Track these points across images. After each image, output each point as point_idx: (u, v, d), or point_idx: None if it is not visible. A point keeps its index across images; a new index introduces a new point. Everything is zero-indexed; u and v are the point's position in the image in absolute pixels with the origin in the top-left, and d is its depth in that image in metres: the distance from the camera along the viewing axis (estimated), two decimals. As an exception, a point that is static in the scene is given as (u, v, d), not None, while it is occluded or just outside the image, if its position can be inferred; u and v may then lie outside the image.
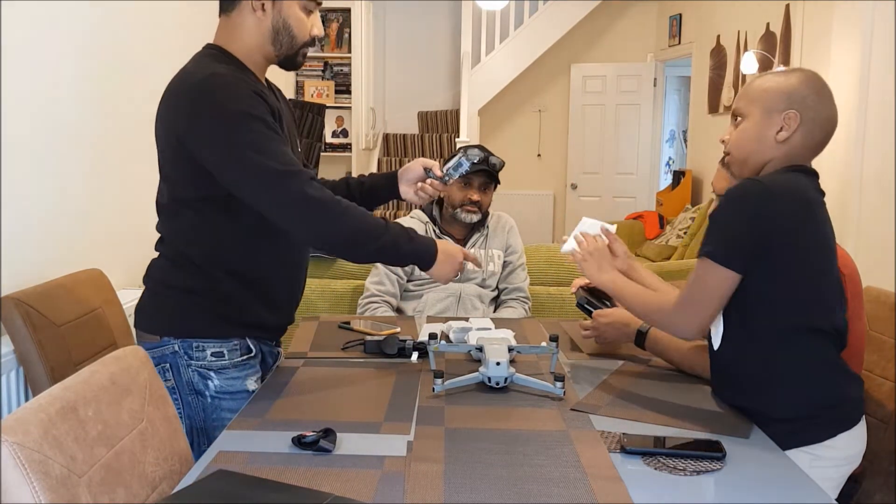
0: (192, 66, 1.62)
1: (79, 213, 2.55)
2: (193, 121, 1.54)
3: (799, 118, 1.49)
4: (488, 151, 2.61)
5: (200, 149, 1.55)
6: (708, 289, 1.46)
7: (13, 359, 2.06)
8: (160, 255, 1.72)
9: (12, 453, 1.03)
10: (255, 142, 1.52)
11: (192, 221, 1.64)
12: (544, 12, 7.02)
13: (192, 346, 1.66)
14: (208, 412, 1.67)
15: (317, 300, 2.93)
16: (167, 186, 1.67)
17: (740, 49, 5.52)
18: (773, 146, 1.52)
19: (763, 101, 1.53)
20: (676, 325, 1.53)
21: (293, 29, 1.67)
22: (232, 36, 1.66)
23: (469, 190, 2.61)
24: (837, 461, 1.50)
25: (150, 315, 1.70)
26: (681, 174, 6.53)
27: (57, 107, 2.42)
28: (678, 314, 1.51)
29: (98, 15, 2.64)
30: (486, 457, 1.30)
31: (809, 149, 1.53)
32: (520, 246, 2.76)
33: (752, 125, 1.54)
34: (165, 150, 1.63)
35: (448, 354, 1.91)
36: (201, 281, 1.66)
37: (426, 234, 2.68)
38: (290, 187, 1.53)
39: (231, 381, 1.69)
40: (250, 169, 1.52)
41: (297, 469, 1.25)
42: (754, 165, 1.55)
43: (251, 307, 1.71)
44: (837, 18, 4.09)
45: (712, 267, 1.45)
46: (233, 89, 1.54)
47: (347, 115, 6.41)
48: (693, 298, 1.49)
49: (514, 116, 7.85)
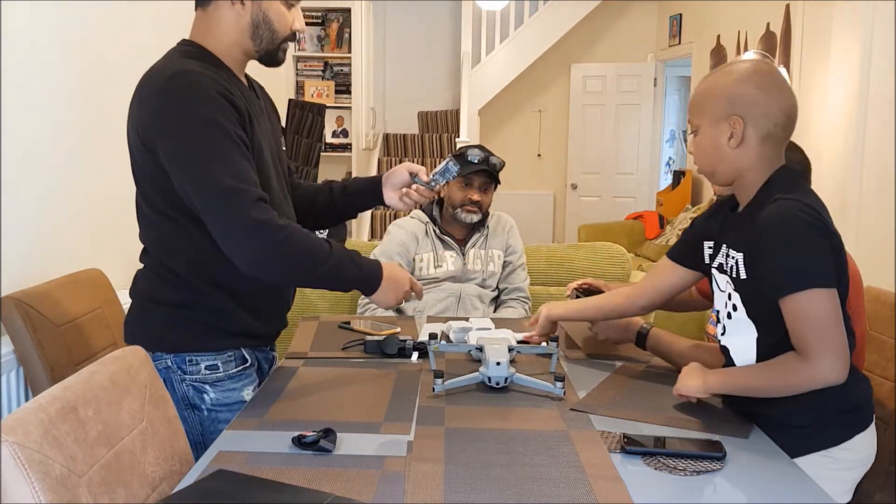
0: (162, 64, 1.55)
1: (79, 213, 2.55)
2: (156, 120, 1.48)
3: (743, 122, 1.44)
4: (488, 151, 2.61)
5: (159, 150, 1.49)
6: (832, 319, 1.35)
7: (13, 359, 2.06)
8: (145, 268, 1.66)
9: (12, 453, 1.03)
10: (210, 151, 1.45)
11: (171, 233, 1.58)
12: (544, 12, 7.03)
13: (186, 361, 1.61)
14: (206, 425, 1.63)
15: (317, 300, 2.93)
16: (140, 193, 1.60)
17: (740, 49, 5.52)
18: (734, 153, 1.47)
19: (707, 110, 1.48)
20: (823, 376, 1.36)
21: (273, 23, 1.61)
22: (208, 31, 1.60)
23: (469, 190, 2.61)
24: (852, 463, 1.49)
25: (139, 330, 1.64)
26: (681, 174, 6.53)
27: (56, 106, 2.42)
28: (820, 364, 1.35)
29: (97, 14, 2.64)
30: (486, 457, 1.30)
31: (773, 143, 1.47)
32: (520, 246, 2.77)
33: (704, 137, 1.50)
34: (133, 150, 1.57)
35: (448, 354, 1.91)
36: (189, 294, 1.60)
37: (426, 234, 2.68)
38: (235, 205, 1.44)
39: (228, 393, 1.64)
40: (199, 180, 1.45)
41: (297, 469, 1.25)
42: (726, 175, 1.51)
43: (241, 318, 1.65)
44: (837, 18, 4.09)
45: (824, 295, 1.35)
46: (198, 90, 1.47)
47: (347, 115, 6.41)
48: (825, 340, 1.35)
49: (514, 116, 7.86)
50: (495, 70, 7.05)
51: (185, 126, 1.46)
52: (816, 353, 1.36)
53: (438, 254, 2.65)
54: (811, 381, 1.38)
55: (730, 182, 1.52)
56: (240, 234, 1.46)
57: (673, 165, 8.23)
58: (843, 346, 1.36)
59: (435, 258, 2.65)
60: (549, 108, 7.84)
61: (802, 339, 1.37)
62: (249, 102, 1.63)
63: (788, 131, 1.48)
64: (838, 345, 1.35)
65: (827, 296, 1.35)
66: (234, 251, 1.48)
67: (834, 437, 1.48)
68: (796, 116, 1.48)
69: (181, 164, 1.47)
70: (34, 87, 2.30)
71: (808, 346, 1.36)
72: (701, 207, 5.65)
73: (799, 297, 1.36)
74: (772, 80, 1.45)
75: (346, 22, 6.35)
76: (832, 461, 1.47)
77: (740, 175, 1.50)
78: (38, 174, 2.32)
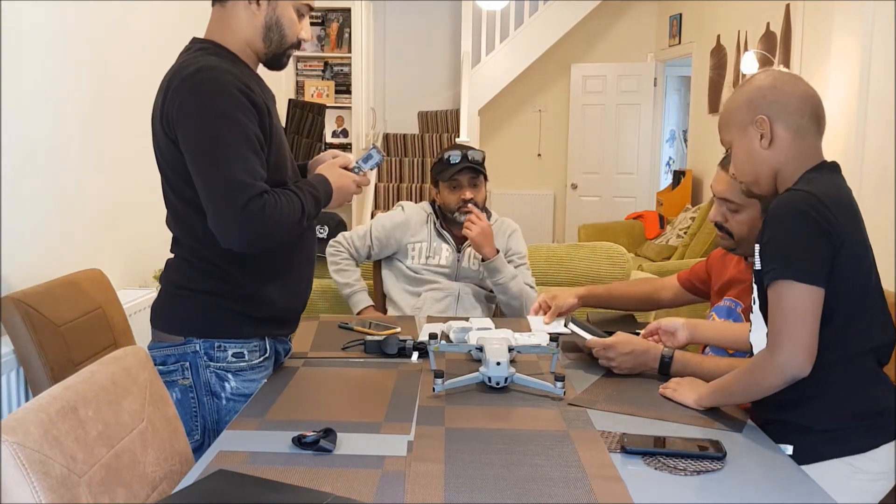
0: (187, 59, 1.62)
1: (79, 214, 2.55)
2: (180, 110, 1.55)
3: (768, 118, 1.46)
4: (466, 147, 2.60)
5: (179, 138, 1.56)
6: (801, 313, 1.34)
7: (13, 359, 2.06)
8: (176, 256, 1.72)
9: (12, 453, 1.03)
10: (223, 143, 1.52)
11: (202, 224, 1.61)
12: (544, 12, 7.02)
13: (214, 347, 1.66)
14: (222, 414, 1.67)
15: (317, 300, 2.93)
16: (168, 185, 1.67)
17: (740, 49, 5.52)
18: (768, 154, 1.48)
19: (734, 123, 1.51)
20: (782, 368, 1.36)
21: (284, 28, 1.68)
22: (225, 27, 1.67)
23: (460, 191, 2.60)
24: (877, 475, 1.46)
25: (171, 315, 1.70)
26: (681, 174, 6.53)
27: (58, 107, 2.42)
28: (779, 355, 1.36)
29: (100, 15, 2.64)
30: (486, 457, 1.30)
31: (806, 136, 1.47)
32: (522, 249, 2.74)
33: (738, 149, 1.52)
34: (159, 142, 1.63)
35: (448, 354, 1.91)
36: (222, 282, 1.66)
37: (426, 223, 2.67)
38: (236, 197, 1.50)
39: (247, 384, 1.69)
40: (209, 167, 1.52)
41: (297, 469, 1.25)
42: (767, 179, 1.50)
43: (273, 302, 1.71)
44: (837, 18, 4.09)
45: (798, 288, 1.34)
46: (219, 85, 1.54)
47: (347, 115, 6.41)
48: (788, 330, 1.35)
49: (514, 116, 7.85)
50: (495, 70, 7.05)
51: (203, 116, 1.53)
52: (778, 343, 1.36)
53: (433, 245, 2.65)
54: (773, 373, 1.37)
55: (773, 187, 1.50)
56: (235, 224, 1.52)
57: (673, 165, 8.23)
58: (809, 340, 1.34)
59: (429, 248, 2.64)
60: (549, 108, 7.84)
61: (772, 331, 1.38)
62: (267, 96, 1.70)
63: (818, 121, 1.47)
64: (802, 338, 1.34)
65: (805, 291, 1.34)
66: (225, 236, 1.54)
67: (856, 444, 1.45)
68: (821, 104, 1.48)
69: (195, 150, 1.54)
70: (35, 88, 2.30)
71: (773, 336, 1.37)
72: (701, 207, 5.64)
73: (778, 285, 1.36)
74: (785, 76, 1.47)
75: (346, 22, 6.35)
76: (855, 470, 1.44)
77: (779, 174, 1.48)
78: (39, 174, 2.32)
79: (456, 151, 2.58)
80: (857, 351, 1.45)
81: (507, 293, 2.54)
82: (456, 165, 2.56)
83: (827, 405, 1.44)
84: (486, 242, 2.52)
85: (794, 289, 1.35)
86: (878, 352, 1.48)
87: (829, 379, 1.43)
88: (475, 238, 2.51)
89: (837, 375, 1.44)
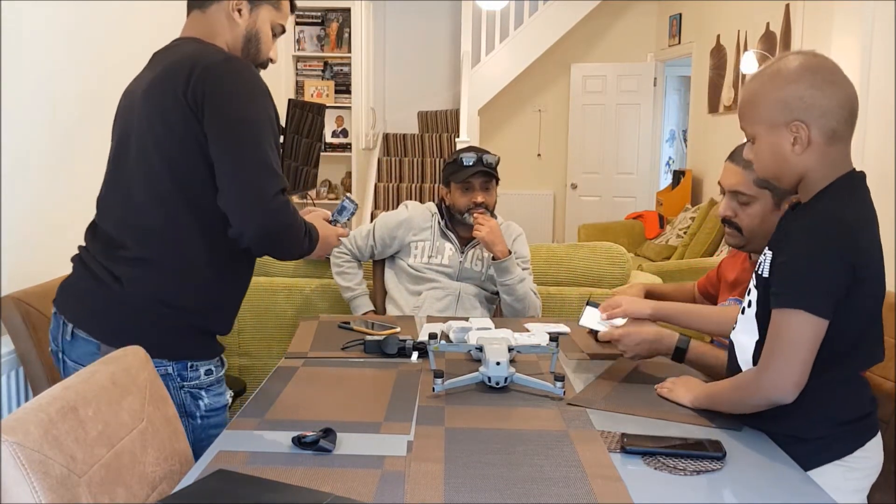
0: (197, 49, 1.57)
1: (79, 213, 2.55)
2: (215, 94, 1.49)
3: (807, 126, 1.36)
4: (481, 151, 2.60)
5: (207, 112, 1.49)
6: (800, 343, 1.33)
7: (13, 359, 2.06)
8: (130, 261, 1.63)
9: (12, 453, 1.03)
10: (264, 132, 1.52)
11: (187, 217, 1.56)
12: (544, 12, 7.02)
13: (187, 367, 1.60)
14: (197, 433, 1.62)
15: (317, 300, 2.93)
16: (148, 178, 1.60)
17: (740, 49, 5.52)
18: (799, 158, 1.39)
19: (762, 117, 1.40)
20: (768, 391, 1.36)
21: (261, 43, 1.68)
22: (209, 32, 1.63)
23: (472, 193, 2.60)
24: (868, 471, 1.47)
25: (138, 336, 1.57)
26: (681, 174, 6.53)
27: (57, 106, 2.42)
28: (767, 379, 1.35)
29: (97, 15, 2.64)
30: (486, 457, 1.30)
31: (838, 142, 1.39)
32: (527, 253, 2.73)
33: (763, 145, 1.42)
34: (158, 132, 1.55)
35: (448, 354, 1.91)
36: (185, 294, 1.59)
37: (431, 223, 2.68)
38: (268, 183, 1.49)
39: (217, 398, 1.66)
40: (248, 148, 1.49)
41: (297, 469, 1.25)
42: (791, 179, 1.44)
43: (222, 319, 1.68)
44: (837, 18, 4.09)
45: (806, 320, 1.32)
46: (254, 75, 1.56)
47: (347, 114, 6.41)
48: (784, 357, 1.34)
49: (514, 116, 7.86)
50: (495, 70, 7.05)
51: (249, 101, 1.51)
52: (771, 365, 1.35)
53: (437, 244, 2.65)
54: (758, 395, 1.38)
55: (795, 185, 1.46)
56: (259, 210, 1.49)
57: (673, 165, 8.24)
58: (800, 369, 1.34)
59: (432, 247, 2.64)
60: (548, 108, 7.84)
61: (767, 351, 1.37)
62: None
63: (851, 125, 1.41)
64: (794, 367, 1.33)
65: (811, 323, 1.32)
66: (246, 221, 1.50)
67: (847, 445, 1.45)
68: (857, 106, 1.40)
69: (234, 131, 1.50)
70: (34, 87, 2.30)
71: (767, 357, 1.36)
72: (701, 207, 5.64)
73: (787, 311, 1.35)
74: (825, 77, 1.36)
75: (346, 22, 6.35)
76: (848, 470, 1.44)
77: (805, 177, 1.43)
78: (39, 174, 2.32)
79: (471, 154, 2.57)
80: (851, 374, 1.45)
81: (512, 294, 2.54)
82: (470, 168, 2.56)
83: (818, 417, 1.43)
84: (498, 240, 2.52)
85: (802, 318, 1.33)
86: (864, 360, 1.48)
87: (822, 398, 1.42)
88: (486, 238, 2.50)
89: (830, 392, 1.43)
